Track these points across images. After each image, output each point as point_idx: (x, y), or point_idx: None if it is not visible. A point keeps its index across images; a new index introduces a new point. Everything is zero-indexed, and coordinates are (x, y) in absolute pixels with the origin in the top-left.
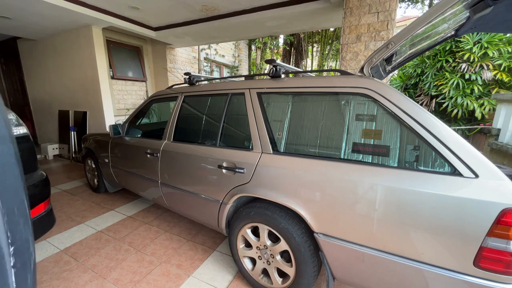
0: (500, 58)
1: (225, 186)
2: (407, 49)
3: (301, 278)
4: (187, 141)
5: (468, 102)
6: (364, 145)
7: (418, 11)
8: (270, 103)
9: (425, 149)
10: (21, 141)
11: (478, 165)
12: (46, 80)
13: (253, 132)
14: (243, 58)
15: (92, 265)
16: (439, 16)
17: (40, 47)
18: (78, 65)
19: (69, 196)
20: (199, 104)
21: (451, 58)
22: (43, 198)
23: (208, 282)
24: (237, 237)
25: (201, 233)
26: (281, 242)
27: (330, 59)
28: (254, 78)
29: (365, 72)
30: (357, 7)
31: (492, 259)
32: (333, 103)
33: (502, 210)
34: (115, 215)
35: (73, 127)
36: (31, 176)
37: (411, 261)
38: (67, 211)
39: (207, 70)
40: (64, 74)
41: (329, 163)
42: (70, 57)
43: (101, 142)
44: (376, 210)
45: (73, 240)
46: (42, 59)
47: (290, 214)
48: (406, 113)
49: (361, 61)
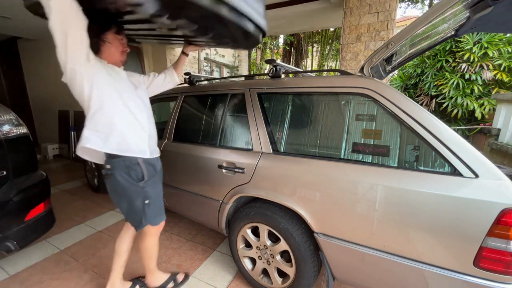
0: (500, 58)
1: (225, 186)
2: (407, 49)
3: (301, 278)
4: (187, 141)
5: (468, 102)
6: (364, 145)
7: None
8: (270, 103)
9: (425, 149)
10: (21, 141)
11: (478, 165)
12: (46, 80)
13: (253, 132)
14: (243, 58)
15: (92, 265)
16: (439, 16)
17: (40, 47)
18: None
19: (69, 196)
20: (199, 104)
21: (451, 58)
22: (43, 198)
23: (208, 282)
24: (237, 237)
25: (201, 233)
26: (281, 242)
27: (330, 59)
28: (254, 78)
29: (365, 72)
30: (357, 7)
31: (492, 259)
32: (333, 103)
33: (502, 210)
34: (115, 215)
35: (73, 127)
36: (31, 176)
37: (411, 261)
38: (67, 211)
39: (207, 70)
40: None
41: (329, 163)
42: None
43: None
44: (376, 210)
45: (73, 240)
46: (42, 59)
47: (290, 214)
48: (406, 113)
49: (361, 61)
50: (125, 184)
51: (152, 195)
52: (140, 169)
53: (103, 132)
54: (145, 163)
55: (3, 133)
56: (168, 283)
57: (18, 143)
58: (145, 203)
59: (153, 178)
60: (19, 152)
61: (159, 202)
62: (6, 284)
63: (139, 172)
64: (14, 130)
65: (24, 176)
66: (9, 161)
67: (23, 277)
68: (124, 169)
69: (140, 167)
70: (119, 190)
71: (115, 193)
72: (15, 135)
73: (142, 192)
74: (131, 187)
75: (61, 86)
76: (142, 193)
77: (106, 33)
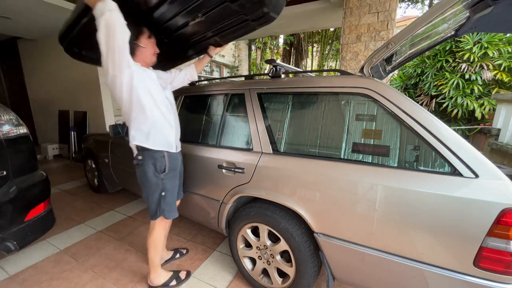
0: (500, 58)
1: (225, 186)
2: (407, 49)
3: (301, 278)
4: (187, 141)
5: (468, 102)
6: (364, 145)
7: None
8: (270, 103)
9: (425, 149)
10: (21, 141)
11: (478, 165)
12: (46, 80)
13: (253, 132)
14: (243, 58)
15: (92, 265)
16: (439, 16)
17: (40, 47)
18: (78, 65)
19: (69, 196)
20: (199, 104)
21: (451, 58)
22: (43, 198)
23: (208, 282)
24: (237, 237)
25: (201, 233)
26: (281, 242)
27: (330, 59)
28: (254, 78)
29: (365, 72)
30: (357, 7)
31: (492, 259)
32: (333, 103)
33: (502, 210)
34: (115, 215)
35: (73, 127)
36: (31, 176)
37: (411, 261)
38: (67, 211)
39: (207, 70)
40: (64, 74)
41: (329, 163)
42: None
43: (101, 142)
44: (376, 210)
45: (73, 240)
46: (42, 59)
47: (290, 214)
48: (406, 113)
49: (361, 61)
50: (150, 174)
51: (169, 188)
52: (164, 162)
53: (144, 131)
54: (170, 157)
55: (3, 133)
56: (171, 280)
57: (18, 143)
58: (161, 195)
59: (173, 172)
60: (19, 152)
61: (173, 197)
62: (6, 284)
63: (163, 164)
64: (14, 130)
65: (24, 176)
66: (9, 161)
67: (23, 277)
68: (152, 160)
69: (165, 160)
70: (143, 180)
71: (140, 182)
72: (15, 135)
73: (161, 183)
74: (153, 178)
75: (61, 86)
76: (160, 185)
77: (140, 38)
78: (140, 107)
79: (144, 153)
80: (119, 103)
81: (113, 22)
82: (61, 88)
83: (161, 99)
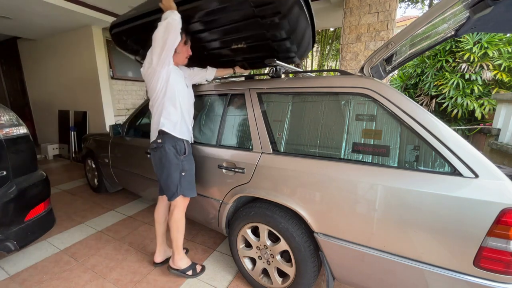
0: (500, 58)
1: (225, 186)
2: (407, 49)
3: (301, 278)
4: None
5: (468, 102)
6: (364, 145)
7: (418, 11)
8: (270, 103)
9: (425, 149)
10: (21, 141)
11: (478, 165)
12: (46, 80)
13: (253, 132)
14: None
15: (92, 265)
16: (439, 16)
17: (40, 47)
18: (78, 65)
19: (69, 196)
20: (199, 104)
21: (451, 58)
22: (43, 198)
23: (208, 282)
24: (237, 237)
25: (201, 233)
26: (281, 242)
27: (330, 59)
28: (254, 78)
29: (365, 72)
30: (357, 7)
31: (492, 259)
32: (333, 103)
33: (502, 210)
34: (115, 215)
35: (73, 127)
36: (31, 176)
37: (411, 261)
38: (67, 211)
39: None
40: (64, 74)
41: (329, 163)
42: (70, 57)
43: (101, 142)
44: (376, 210)
45: (73, 240)
46: (42, 59)
47: (290, 214)
48: (406, 113)
49: (361, 61)
50: (171, 155)
51: (188, 168)
52: (184, 146)
53: (173, 121)
54: (188, 144)
55: (3, 133)
56: (189, 270)
57: (18, 143)
58: (182, 175)
59: (190, 155)
60: (19, 152)
61: (192, 176)
62: (6, 284)
63: (183, 147)
64: (14, 130)
65: (24, 176)
66: (9, 161)
67: (23, 277)
68: (172, 143)
69: (184, 144)
70: (163, 161)
71: (159, 164)
72: (15, 135)
73: (181, 164)
74: (173, 159)
75: (61, 86)
76: (180, 165)
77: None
78: (171, 101)
79: (164, 137)
80: (151, 92)
81: (172, 28)
82: (61, 88)
83: (185, 96)
